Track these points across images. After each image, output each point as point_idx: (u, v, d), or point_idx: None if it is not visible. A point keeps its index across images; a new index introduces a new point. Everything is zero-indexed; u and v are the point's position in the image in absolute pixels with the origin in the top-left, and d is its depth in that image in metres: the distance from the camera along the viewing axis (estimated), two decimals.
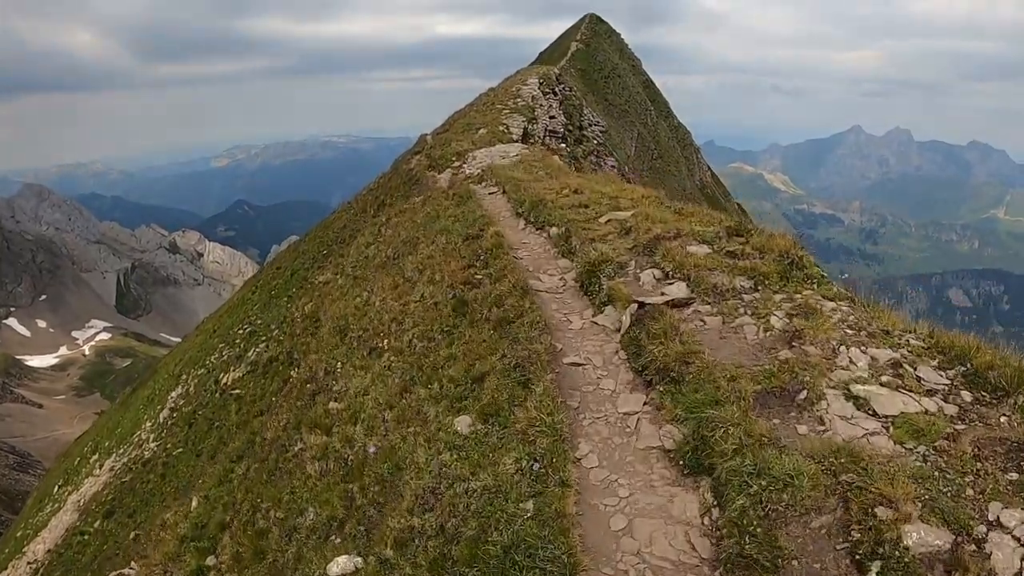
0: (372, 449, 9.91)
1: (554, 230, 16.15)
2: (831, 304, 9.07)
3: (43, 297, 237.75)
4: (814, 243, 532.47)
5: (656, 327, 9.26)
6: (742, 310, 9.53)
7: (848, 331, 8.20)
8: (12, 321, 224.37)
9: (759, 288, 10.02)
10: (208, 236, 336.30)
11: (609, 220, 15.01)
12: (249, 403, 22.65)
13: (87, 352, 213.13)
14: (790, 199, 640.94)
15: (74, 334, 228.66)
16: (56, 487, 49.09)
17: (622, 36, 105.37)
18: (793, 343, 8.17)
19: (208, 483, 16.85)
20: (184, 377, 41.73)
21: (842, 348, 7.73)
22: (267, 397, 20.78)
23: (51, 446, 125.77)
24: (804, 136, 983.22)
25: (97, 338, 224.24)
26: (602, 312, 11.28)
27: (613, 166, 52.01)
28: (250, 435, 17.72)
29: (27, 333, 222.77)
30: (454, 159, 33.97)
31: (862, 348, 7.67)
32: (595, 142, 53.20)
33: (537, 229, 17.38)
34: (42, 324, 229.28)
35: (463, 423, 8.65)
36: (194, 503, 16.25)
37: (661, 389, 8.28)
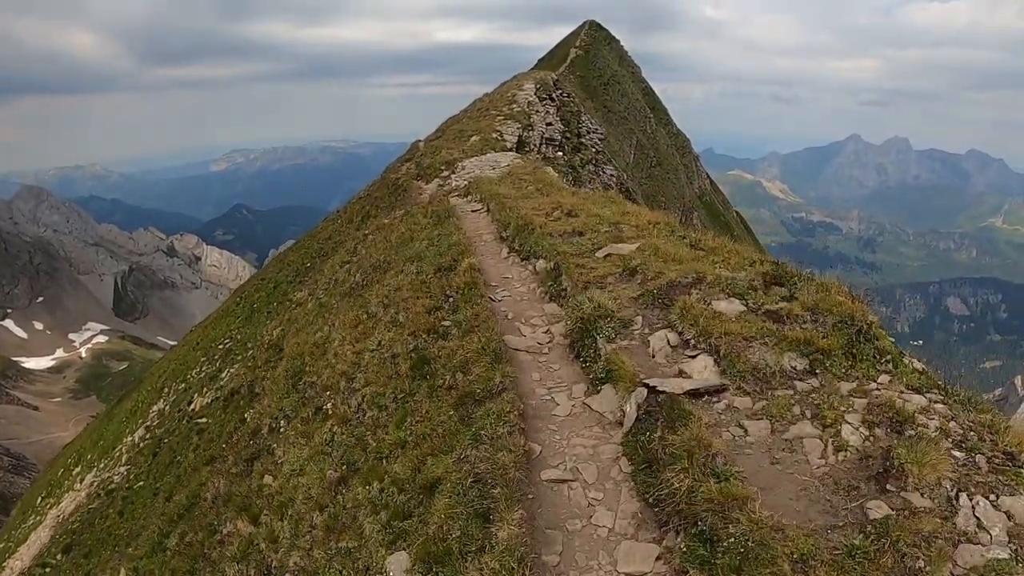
0: None
1: (541, 263, 13.30)
2: (919, 399, 6.46)
3: (40, 299, 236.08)
4: (812, 251, 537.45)
5: (676, 441, 6.35)
6: (798, 409, 6.78)
7: (958, 455, 5.56)
8: (9, 323, 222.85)
9: (817, 371, 7.23)
10: (206, 240, 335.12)
11: (609, 255, 12.05)
12: (207, 442, 20.82)
13: (84, 354, 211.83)
14: (788, 207, 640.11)
15: (71, 336, 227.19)
16: (39, 498, 47.99)
17: (621, 43, 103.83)
18: (887, 484, 5.39)
19: (140, 550, 15.00)
20: (166, 391, 40.58)
21: (962, 496, 5.05)
22: (223, 437, 18.91)
23: (46, 449, 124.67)
24: (803, 144, 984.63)
25: (94, 341, 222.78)
26: (598, 392, 8.39)
27: (612, 175, 50.05)
28: (196, 487, 15.80)
29: (24, 335, 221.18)
30: (443, 168, 32.00)
31: (990, 496, 5.07)
32: (593, 150, 50.70)
33: (522, 260, 14.61)
34: (39, 326, 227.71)
35: (397, 566, 6.29)
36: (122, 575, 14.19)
37: (683, 547, 5.46)
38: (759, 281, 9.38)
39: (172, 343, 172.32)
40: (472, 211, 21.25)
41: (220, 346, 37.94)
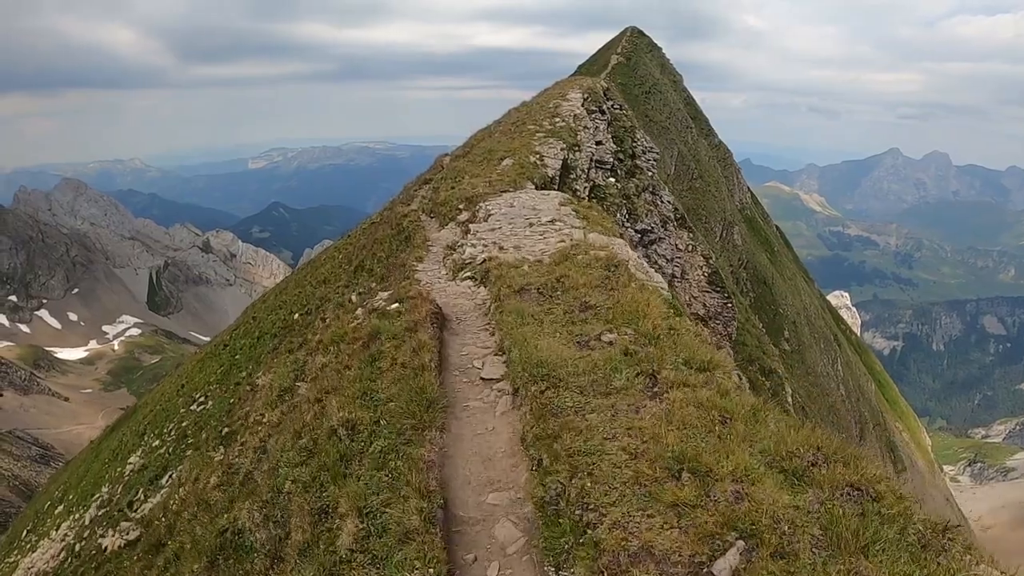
0: None
1: None
2: None
3: (75, 291, 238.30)
4: (848, 266, 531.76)
5: None
6: None
7: None
8: (43, 313, 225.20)
9: None
10: (242, 237, 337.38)
11: None
12: None
13: (116, 347, 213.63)
14: (825, 220, 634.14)
15: (104, 329, 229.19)
16: (24, 531, 46.63)
17: (663, 51, 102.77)
18: None
19: None
20: (146, 437, 37.53)
21: None
22: None
23: (74, 439, 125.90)
24: (841, 157, 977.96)
25: (127, 334, 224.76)
26: None
27: (670, 202, 45.13)
28: None
29: (58, 325, 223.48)
30: (460, 208, 23.73)
31: None
32: (650, 174, 43.44)
33: None
34: (73, 317, 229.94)
35: None
36: None
37: None
38: None
39: (205, 338, 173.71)
40: (484, 377, 10.87)
41: (194, 404, 34.30)
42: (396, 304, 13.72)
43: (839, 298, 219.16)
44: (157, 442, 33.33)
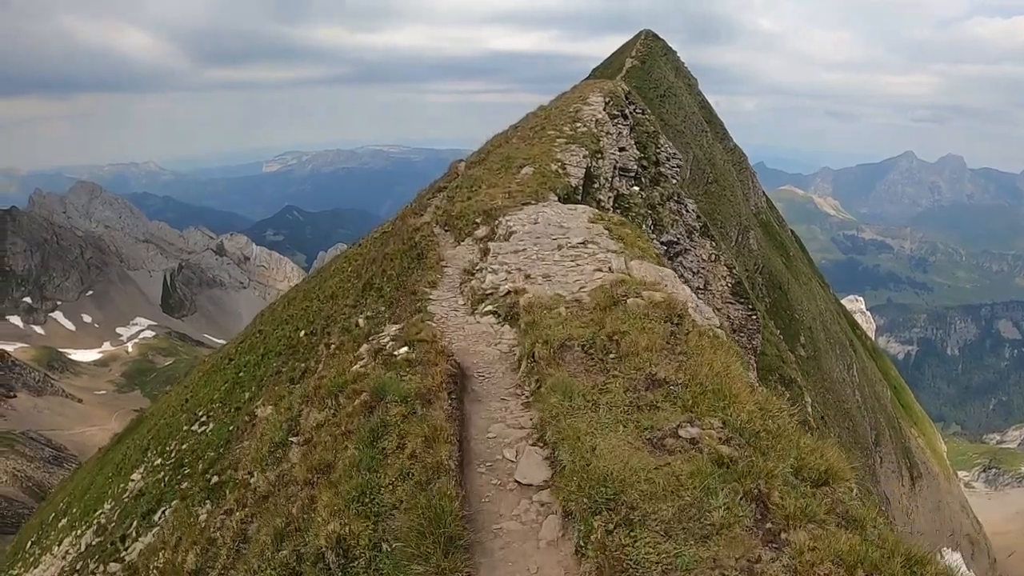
0: None
1: None
2: None
3: (90, 293, 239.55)
4: (863, 270, 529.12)
5: None
6: None
7: None
8: (58, 315, 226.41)
9: None
10: (256, 240, 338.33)
11: None
12: None
13: (130, 349, 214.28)
14: (839, 224, 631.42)
15: (118, 331, 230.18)
16: (29, 542, 46.34)
17: (678, 54, 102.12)
18: None
19: None
20: (149, 453, 36.84)
21: None
22: None
23: (87, 441, 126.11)
24: (855, 160, 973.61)
25: (141, 336, 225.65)
26: None
27: (694, 211, 43.16)
28: None
29: (72, 327, 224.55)
30: (477, 222, 21.60)
31: None
32: (674, 182, 41.49)
33: None
34: (87, 319, 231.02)
35: None
36: None
37: None
38: None
39: (219, 341, 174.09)
40: (520, 481, 7.69)
41: (195, 423, 33.71)
42: (405, 348, 11.28)
43: (853, 302, 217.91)
44: (159, 461, 32.91)
